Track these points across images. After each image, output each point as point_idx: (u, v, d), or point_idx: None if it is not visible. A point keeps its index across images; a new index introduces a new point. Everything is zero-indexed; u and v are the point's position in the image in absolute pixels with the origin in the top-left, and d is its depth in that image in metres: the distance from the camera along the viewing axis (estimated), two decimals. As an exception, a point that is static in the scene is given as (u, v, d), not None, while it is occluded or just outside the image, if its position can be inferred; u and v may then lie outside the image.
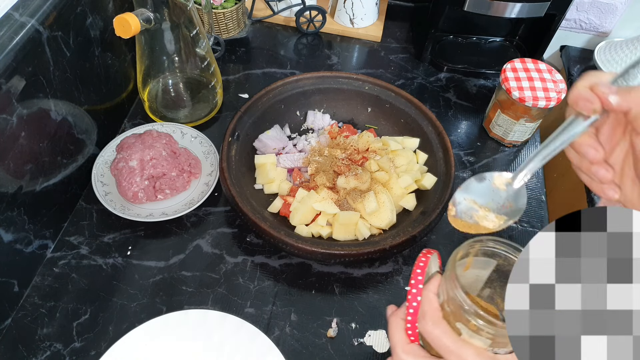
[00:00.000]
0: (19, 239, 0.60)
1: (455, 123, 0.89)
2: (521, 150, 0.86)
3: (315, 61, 0.98)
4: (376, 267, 0.69)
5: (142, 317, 0.62)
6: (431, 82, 0.96)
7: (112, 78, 0.77)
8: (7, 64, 0.53)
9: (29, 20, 0.56)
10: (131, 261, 0.67)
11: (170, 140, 0.74)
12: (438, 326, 0.38)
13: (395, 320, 0.42)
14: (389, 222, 0.67)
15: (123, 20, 0.64)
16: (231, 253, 0.69)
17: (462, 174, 0.81)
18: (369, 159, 0.73)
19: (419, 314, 0.40)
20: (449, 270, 0.38)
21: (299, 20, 1.00)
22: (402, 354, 0.40)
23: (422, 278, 0.41)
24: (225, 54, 0.96)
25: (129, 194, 0.69)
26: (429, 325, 0.38)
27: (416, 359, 0.40)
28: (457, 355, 0.37)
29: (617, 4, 1.01)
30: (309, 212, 0.67)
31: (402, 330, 0.41)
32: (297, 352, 0.61)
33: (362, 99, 0.81)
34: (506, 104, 0.80)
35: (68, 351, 0.59)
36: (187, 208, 0.70)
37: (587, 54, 1.08)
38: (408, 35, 1.05)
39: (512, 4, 0.83)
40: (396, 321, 0.42)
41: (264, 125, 0.77)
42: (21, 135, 0.57)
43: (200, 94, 0.83)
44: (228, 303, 0.64)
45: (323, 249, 0.61)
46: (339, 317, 0.64)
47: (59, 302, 0.63)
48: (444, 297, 0.39)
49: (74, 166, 0.70)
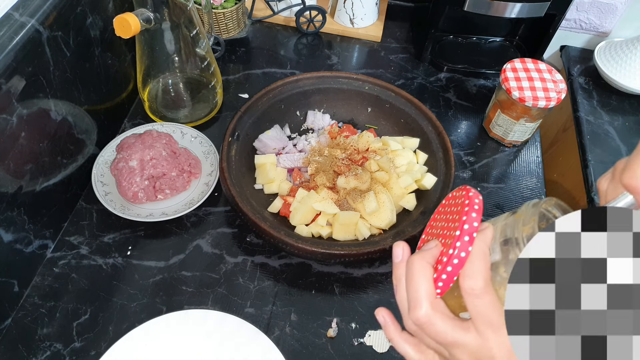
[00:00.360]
0: (19, 239, 0.60)
1: (455, 123, 0.89)
2: (521, 150, 0.86)
3: (315, 61, 0.98)
4: (376, 267, 0.69)
5: (142, 317, 0.62)
6: (431, 82, 0.96)
7: (112, 78, 0.77)
8: (7, 64, 0.53)
9: (29, 20, 0.56)
10: (131, 261, 0.67)
11: (170, 140, 0.74)
12: (488, 292, 0.31)
13: (424, 265, 0.34)
14: (389, 222, 0.67)
15: (123, 20, 0.64)
16: (231, 253, 0.69)
17: (462, 174, 0.81)
18: (369, 159, 0.73)
19: (467, 270, 0.32)
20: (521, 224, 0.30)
21: (299, 20, 1.00)
22: (430, 311, 0.33)
23: (477, 225, 0.32)
24: (225, 54, 0.96)
25: (129, 194, 0.69)
26: (479, 288, 0.31)
27: (444, 320, 0.32)
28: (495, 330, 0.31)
29: (617, 4, 1.01)
30: (309, 212, 0.67)
31: (432, 279, 0.33)
32: (297, 352, 0.61)
33: (362, 99, 0.81)
34: (506, 104, 0.80)
35: (68, 351, 0.59)
36: (187, 208, 0.70)
37: (587, 54, 1.08)
38: (408, 35, 1.05)
39: (512, 4, 0.83)
40: (424, 267, 0.33)
41: (264, 125, 0.77)
42: (21, 135, 0.57)
43: (200, 94, 0.83)
44: (228, 303, 0.64)
45: (323, 249, 0.61)
46: (339, 317, 0.64)
47: (59, 302, 0.63)
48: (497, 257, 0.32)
49: (74, 166, 0.70)
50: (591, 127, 0.94)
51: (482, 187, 0.80)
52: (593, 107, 0.98)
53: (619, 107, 0.98)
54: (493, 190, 0.79)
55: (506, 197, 0.79)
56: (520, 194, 0.79)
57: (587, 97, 1.00)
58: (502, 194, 0.79)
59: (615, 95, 1.00)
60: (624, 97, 0.99)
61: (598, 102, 0.99)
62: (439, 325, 0.32)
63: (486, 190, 0.80)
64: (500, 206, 0.77)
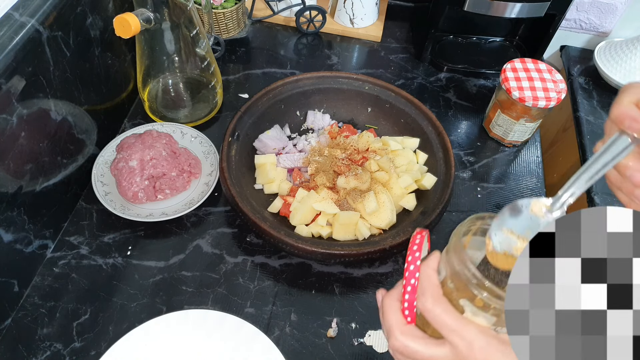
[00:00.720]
0: (19, 239, 0.60)
1: (455, 123, 0.89)
2: (521, 150, 0.86)
3: (315, 61, 0.98)
4: (376, 267, 0.69)
5: (142, 317, 0.62)
6: (431, 82, 0.96)
7: (112, 78, 0.77)
8: (7, 64, 0.53)
9: (29, 20, 0.56)
10: (131, 261, 0.67)
11: (170, 140, 0.74)
12: (439, 303, 0.36)
13: (390, 302, 0.39)
14: (389, 222, 0.67)
15: (123, 20, 0.64)
16: (231, 253, 0.69)
17: (462, 174, 0.81)
18: (369, 159, 0.73)
19: (418, 292, 0.37)
20: (454, 243, 0.36)
21: (299, 20, 1.00)
22: (400, 336, 0.37)
23: (419, 255, 0.38)
24: (225, 54, 0.96)
25: (129, 194, 0.69)
26: (429, 303, 0.36)
27: (415, 341, 0.37)
28: (459, 334, 0.35)
29: (617, 4, 1.01)
30: (309, 212, 0.67)
31: (398, 311, 0.39)
32: (297, 352, 0.61)
33: (362, 99, 0.81)
34: (506, 104, 0.80)
35: (68, 351, 0.59)
36: (187, 208, 0.70)
37: (587, 54, 1.08)
38: (408, 35, 1.05)
39: (512, 4, 0.83)
40: (390, 303, 0.39)
41: (264, 125, 0.77)
42: (21, 135, 0.57)
43: (200, 94, 0.83)
44: (228, 303, 0.64)
45: (323, 249, 0.61)
46: (339, 317, 0.64)
47: (59, 302, 0.63)
48: (445, 273, 0.37)
49: (74, 166, 0.70)
50: (591, 127, 0.94)
51: (482, 187, 0.80)
52: (593, 107, 0.98)
53: (619, 107, 0.98)
54: (493, 190, 0.79)
55: (506, 197, 0.79)
56: (520, 194, 0.79)
57: (587, 97, 1.00)
58: (502, 194, 0.79)
59: (615, 95, 1.00)
60: (624, 97, 0.99)
61: (598, 102, 0.99)
62: (412, 346, 0.37)
63: (486, 190, 0.80)
64: (501, 206, 0.77)
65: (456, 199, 0.78)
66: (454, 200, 0.77)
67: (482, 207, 0.77)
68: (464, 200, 0.78)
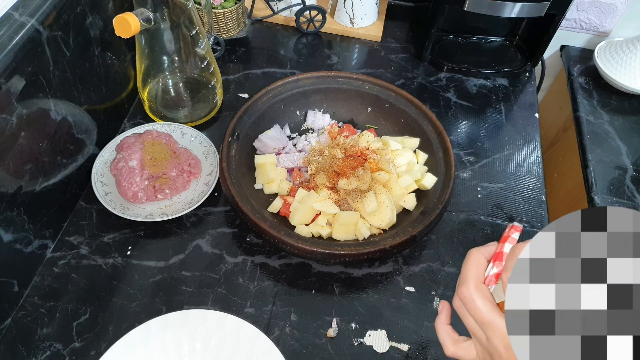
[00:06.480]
0: (18, 239, 0.60)
1: (455, 123, 0.89)
2: (521, 150, 0.86)
3: (315, 61, 0.98)
4: (376, 267, 0.69)
5: (142, 317, 0.62)
6: (431, 82, 0.96)
7: (112, 78, 0.77)
8: (7, 64, 0.53)
9: (29, 20, 0.56)
10: (131, 261, 0.67)
11: (170, 140, 0.74)
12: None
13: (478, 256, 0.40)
14: (389, 222, 0.67)
15: (123, 20, 0.64)
16: (231, 253, 0.69)
17: (462, 174, 0.81)
18: (368, 159, 0.73)
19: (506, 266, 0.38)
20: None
21: (299, 20, 1.00)
22: (473, 288, 0.38)
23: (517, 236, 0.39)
24: (225, 54, 0.96)
25: (128, 194, 0.69)
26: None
27: (483, 300, 0.38)
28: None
29: (617, 4, 1.01)
30: (309, 212, 0.67)
31: (482, 267, 0.40)
32: (297, 352, 0.61)
33: (362, 99, 0.81)
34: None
35: (68, 351, 0.59)
36: (187, 208, 0.69)
37: (587, 54, 1.08)
38: (408, 35, 1.05)
39: (512, 4, 0.83)
40: (478, 257, 0.40)
41: (264, 125, 0.77)
42: (21, 135, 0.57)
43: (200, 93, 0.83)
44: (228, 303, 0.64)
45: (323, 249, 0.61)
46: (339, 317, 0.64)
47: (58, 302, 0.63)
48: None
49: (74, 166, 0.70)
50: (591, 127, 0.94)
51: (482, 187, 0.80)
52: (593, 107, 0.98)
53: (619, 107, 0.98)
54: (493, 190, 0.79)
55: (506, 197, 0.79)
56: (520, 194, 0.79)
57: (587, 97, 1.00)
58: (502, 194, 0.79)
59: (615, 95, 1.00)
60: (624, 97, 0.99)
61: (598, 102, 0.99)
62: (478, 302, 0.38)
63: (486, 190, 0.79)
64: (501, 206, 0.77)
65: (456, 199, 0.78)
66: (454, 200, 0.77)
67: (482, 207, 0.77)
68: (464, 200, 0.78)
